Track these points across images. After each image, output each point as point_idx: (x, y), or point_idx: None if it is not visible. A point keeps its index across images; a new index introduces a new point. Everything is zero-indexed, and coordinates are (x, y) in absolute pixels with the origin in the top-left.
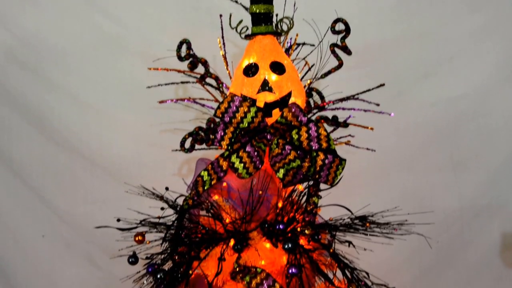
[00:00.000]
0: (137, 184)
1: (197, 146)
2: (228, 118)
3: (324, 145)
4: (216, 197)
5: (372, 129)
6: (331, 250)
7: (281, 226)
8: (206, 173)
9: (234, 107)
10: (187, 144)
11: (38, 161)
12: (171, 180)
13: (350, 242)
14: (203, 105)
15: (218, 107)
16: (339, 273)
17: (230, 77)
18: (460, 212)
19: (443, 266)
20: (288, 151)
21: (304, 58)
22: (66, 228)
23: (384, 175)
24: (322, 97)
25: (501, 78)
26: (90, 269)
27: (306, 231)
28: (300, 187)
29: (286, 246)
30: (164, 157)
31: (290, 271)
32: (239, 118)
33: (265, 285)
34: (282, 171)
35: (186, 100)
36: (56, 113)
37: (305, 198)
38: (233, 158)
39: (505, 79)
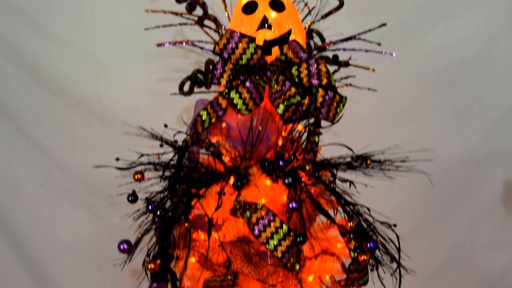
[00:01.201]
0: (136, 140)
1: (196, 90)
2: (226, 55)
3: (325, 81)
4: (215, 139)
5: (373, 70)
6: (331, 186)
7: (281, 163)
8: (205, 112)
9: (233, 43)
10: (186, 87)
11: (35, 110)
12: (170, 128)
13: (351, 182)
14: (202, 48)
15: (217, 43)
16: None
17: (229, 19)
18: (463, 160)
19: (445, 213)
20: (288, 87)
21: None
22: (64, 177)
23: (386, 122)
24: (322, 39)
25: (506, 25)
26: (90, 217)
27: (307, 167)
28: (300, 127)
29: (286, 181)
30: (163, 105)
31: (290, 205)
32: (238, 54)
33: (265, 219)
34: (281, 106)
35: (184, 43)
36: (52, 61)
37: (305, 136)
38: (232, 94)
39: (510, 25)
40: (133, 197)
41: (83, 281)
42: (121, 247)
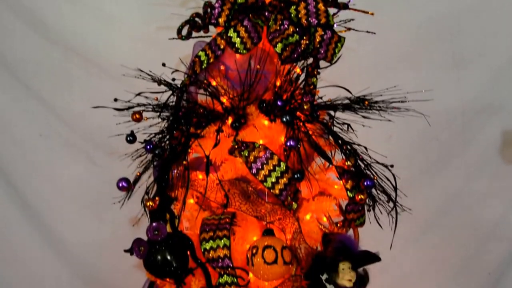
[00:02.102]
0: (134, 84)
1: (194, 34)
2: None
3: (323, 20)
4: (214, 83)
5: (372, 14)
6: (329, 125)
7: (279, 103)
8: (203, 53)
9: None
10: (184, 32)
11: (33, 59)
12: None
13: (348, 125)
14: None
15: None
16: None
17: None
18: (461, 110)
19: (442, 163)
20: (286, 26)
21: None
22: (63, 127)
23: (384, 71)
24: None
25: None
26: (89, 167)
27: (304, 106)
28: (298, 70)
29: (284, 119)
30: (161, 53)
31: (288, 143)
32: None
33: (263, 157)
34: (280, 45)
35: None
36: (50, 11)
37: (303, 77)
38: (230, 33)
39: None
40: (131, 138)
41: (83, 230)
42: (120, 184)
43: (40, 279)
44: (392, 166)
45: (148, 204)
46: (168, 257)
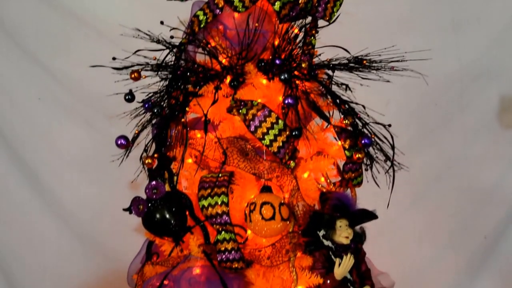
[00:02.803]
0: (132, 46)
1: None
2: None
3: None
4: (213, 42)
5: None
6: (326, 83)
7: (277, 61)
8: (201, 12)
9: None
10: None
11: (31, 22)
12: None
13: (346, 86)
14: None
15: None
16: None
17: None
18: (459, 75)
19: (440, 128)
20: None
21: None
22: (62, 90)
23: (383, 36)
24: None
25: None
26: (88, 130)
27: (303, 64)
28: (296, 30)
29: (282, 77)
30: (159, 15)
31: (286, 101)
32: None
33: (261, 115)
34: (278, 3)
35: None
36: None
37: (302, 37)
38: None
39: None
40: (130, 97)
41: (82, 193)
42: (119, 142)
43: (39, 241)
44: (389, 125)
45: (146, 161)
46: (167, 216)
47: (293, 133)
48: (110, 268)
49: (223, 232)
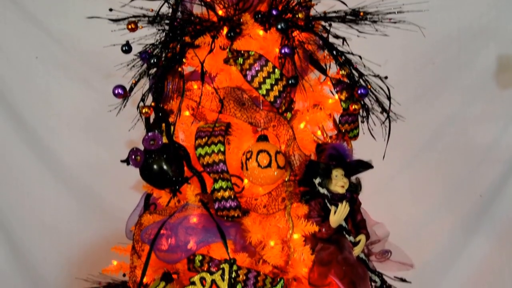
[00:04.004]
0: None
1: None
2: None
3: None
4: None
5: None
6: (323, 33)
7: (274, 12)
8: None
9: None
10: None
11: None
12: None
13: (343, 38)
14: None
15: None
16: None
17: None
18: (457, 34)
19: (438, 87)
20: None
21: None
22: (59, 49)
23: None
24: None
25: None
26: (86, 90)
27: (300, 15)
28: None
29: (279, 26)
30: None
31: (283, 51)
32: None
33: (257, 65)
34: None
35: None
36: None
37: None
38: None
39: None
40: (127, 48)
41: (80, 152)
42: (116, 91)
43: (39, 200)
44: (386, 77)
45: (143, 111)
46: (164, 166)
47: (289, 82)
48: (108, 226)
49: (219, 181)
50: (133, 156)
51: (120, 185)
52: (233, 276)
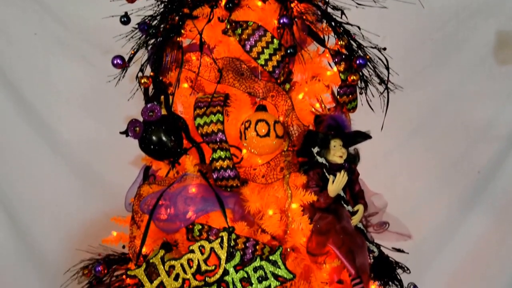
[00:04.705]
0: None
1: None
2: None
3: None
4: None
5: None
6: (322, 4)
7: None
8: None
9: None
10: None
11: None
12: None
13: (341, 10)
14: None
15: None
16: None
17: None
18: (456, 10)
19: (436, 64)
20: None
21: None
22: (58, 26)
23: None
24: None
25: None
26: (85, 66)
27: None
28: None
29: None
30: None
31: (281, 21)
32: None
33: (256, 35)
34: None
35: None
36: None
37: None
38: None
39: None
40: (125, 19)
41: (79, 128)
42: (115, 61)
43: (38, 176)
44: (384, 48)
45: (142, 81)
46: (163, 138)
47: (288, 52)
48: (108, 201)
49: (218, 151)
50: (132, 128)
51: (119, 161)
52: (231, 244)
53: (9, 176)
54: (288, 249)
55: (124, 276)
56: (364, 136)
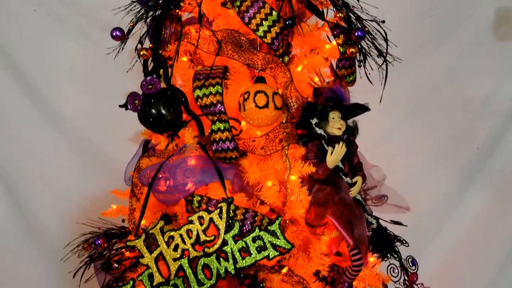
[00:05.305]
0: None
1: None
2: None
3: None
4: None
5: None
6: None
7: None
8: None
9: None
10: None
11: None
12: None
13: None
14: None
15: None
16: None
17: None
18: None
19: (435, 41)
20: None
21: None
22: (57, 2)
23: None
24: None
25: None
26: (84, 42)
27: None
28: None
29: None
30: None
31: None
32: None
33: (255, 7)
34: None
35: None
36: None
37: None
38: None
39: None
40: None
41: (79, 103)
42: (114, 34)
43: (38, 152)
44: (383, 21)
45: (141, 53)
46: (162, 110)
47: (287, 23)
48: (107, 177)
49: (217, 122)
50: (131, 100)
51: (118, 137)
52: (230, 215)
53: (9, 152)
54: (287, 221)
55: (124, 250)
56: (363, 108)
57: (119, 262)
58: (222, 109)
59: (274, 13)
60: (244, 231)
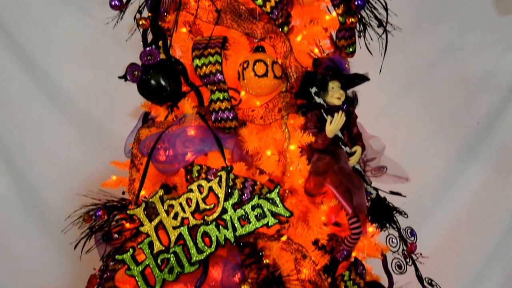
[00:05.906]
0: None
1: None
2: None
3: None
4: None
5: None
6: None
7: None
8: None
9: None
10: None
11: None
12: None
13: None
14: None
15: None
16: None
17: None
18: None
19: (436, 15)
20: None
21: None
22: None
23: None
24: None
25: None
26: (83, 17)
27: None
28: None
29: None
30: None
31: None
32: None
33: None
34: None
35: None
36: None
37: None
38: None
39: None
40: None
41: (79, 78)
42: (113, 3)
43: (38, 127)
44: None
45: (140, 22)
46: (162, 81)
47: None
48: (108, 152)
49: (216, 92)
50: (131, 71)
51: (118, 111)
52: (230, 183)
53: (9, 127)
54: (286, 192)
55: (124, 221)
56: (362, 78)
57: (119, 233)
58: (222, 79)
59: None
60: (244, 199)
